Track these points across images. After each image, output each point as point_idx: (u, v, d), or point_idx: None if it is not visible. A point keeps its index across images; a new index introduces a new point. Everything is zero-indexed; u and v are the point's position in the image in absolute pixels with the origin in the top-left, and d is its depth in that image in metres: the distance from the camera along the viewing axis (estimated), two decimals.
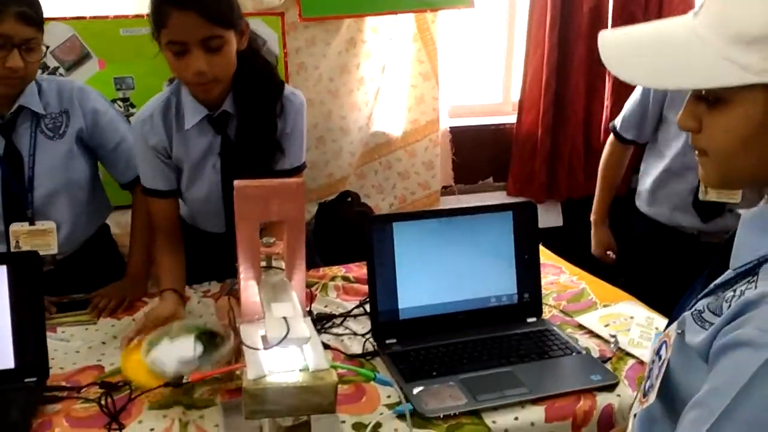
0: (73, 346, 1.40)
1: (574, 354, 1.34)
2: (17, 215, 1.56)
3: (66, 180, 1.59)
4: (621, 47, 0.78)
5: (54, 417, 1.14)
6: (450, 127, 2.74)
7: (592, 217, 2.28)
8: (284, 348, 0.96)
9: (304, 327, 0.97)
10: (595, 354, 1.36)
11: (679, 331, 0.79)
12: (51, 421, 1.13)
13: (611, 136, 2.17)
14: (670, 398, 0.80)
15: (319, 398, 0.97)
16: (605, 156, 2.21)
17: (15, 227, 1.55)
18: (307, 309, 1.53)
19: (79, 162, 1.62)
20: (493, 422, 1.15)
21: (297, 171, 1.64)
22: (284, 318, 0.98)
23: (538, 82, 2.76)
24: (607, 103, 2.85)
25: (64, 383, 1.24)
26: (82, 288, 1.62)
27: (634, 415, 0.88)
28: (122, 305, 1.57)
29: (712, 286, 0.79)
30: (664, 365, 0.81)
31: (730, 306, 0.72)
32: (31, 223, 1.57)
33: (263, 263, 1.16)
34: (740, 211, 0.81)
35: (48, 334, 1.42)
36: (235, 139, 1.54)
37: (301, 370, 0.97)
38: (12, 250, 1.55)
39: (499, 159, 2.88)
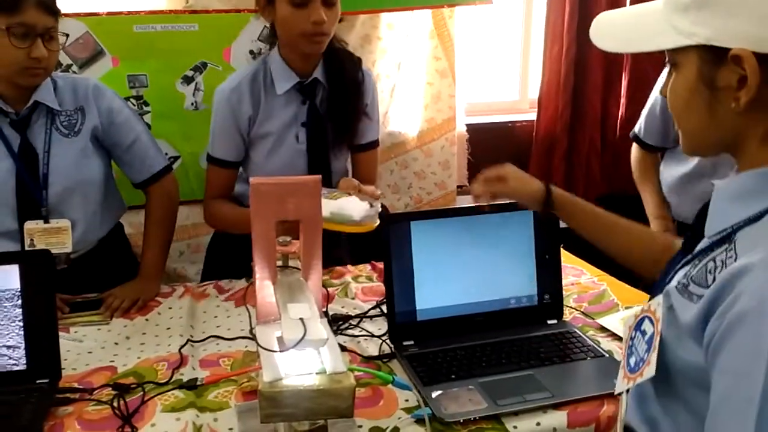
0: (86, 346, 1.38)
1: (596, 357, 1.31)
2: (31, 213, 1.54)
3: (80, 178, 1.57)
4: (606, 24, 0.90)
5: (66, 419, 1.12)
6: (467, 125, 2.70)
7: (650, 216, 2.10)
8: (301, 350, 0.93)
9: (321, 328, 0.94)
10: (618, 357, 1.32)
11: (668, 306, 0.81)
12: (63, 424, 1.11)
13: (635, 145, 2.10)
14: (665, 374, 0.81)
15: (337, 402, 0.94)
16: (635, 165, 2.11)
17: (30, 225, 1.54)
18: (323, 310, 1.50)
19: (94, 160, 1.60)
20: (514, 427, 1.12)
21: (374, 146, 1.78)
22: (301, 319, 0.95)
23: (556, 79, 2.72)
24: (623, 100, 2.81)
25: (76, 384, 1.22)
26: (95, 287, 1.60)
27: (627, 392, 0.89)
28: (136, 305, 1.55)
29: (689, 256, 0.84)
30: (657, 339, 0.81)
31: (714, 278, 0.74)
32: (46, 221, 1.55)
33: (279, 263, 1.13)
34: (714, 181, 0.84)
35: (60, 334, 1.40)
36: (323, 108, 1.65)
37: (318, 373, 0.94)
38: (26, 248, 1.54)
39: (516, 157, 2.82)
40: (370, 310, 1.52)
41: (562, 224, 1.49)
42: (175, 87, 2.21)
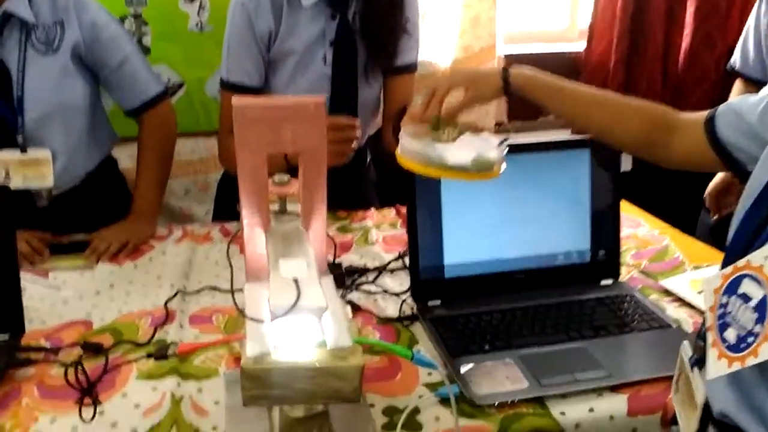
0: (63, 295, 1.20)
1: (662, 327, 1.08)
2: (6, 141, 1.35)
3: (60, 101, 1.37)
4: None
5: (24, 384, 0.94)
6: (506, 55, 2.41)
7: None
8: (296, 316, 0.73)
9: (319, 293, 0.73)
10: (689, 328, 1.09)
11: None
12: (20, 389, 0.93)
13: (737, 82, 1.84)
14: None
15: (340, 383, 0.74)
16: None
17: (5, 155, 1.35)
18: (336, 261, 1.29)
19: (76, 82, 1.39)
20: (562, 414, 0.90)
21: (411, 69, 1.57)
22: (295, 280, 0.74)
23: (611, 5, 2.41)
24: (687, 30, 2.48)
25: (43, 341, 1.05)
26: (83, 229, 1.42)
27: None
28: (126, 249, 1.36)
29: None
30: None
31: None
32: (22, 151, 1.36)
33: (276, 207, 0.92)
34: None
35: (37, 279, 1.25)
36: (356, 24, 1.44)
37: (317, 347, 0.74)
38: (1, 181, 1.35)
39: None
40: (391, 262, 1.30)
41: (625, 167, 1.26)
42: (177, 5, 1.96)
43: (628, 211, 1.55)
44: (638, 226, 1.50)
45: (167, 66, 1.98)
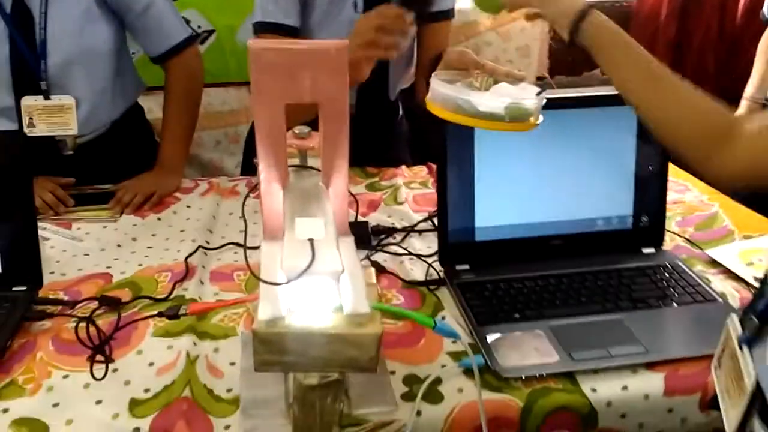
0: (84, 247, 1.18)
1: (706, 301, 1.01)
2: (29, 87, 1.32)
3: (83, 46, 1.33)
4: None
5: (40, 336, 0.93)
6: None
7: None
8: (312, 278, 0.68)
9: (335, 255, 0.68)
10: (735, 303, 1.02)
11: None
12: (35, 342, 0.92)
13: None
14: None
15: (356, 352, 0.70)
16: (763, 45, 1.89)
17: (28, 101, 1.32)
18: (363, 219, 1.24)
19: (100, 26, 1.35)
20: (593, 390, 0.85)
21: (448, 15, 1.49)
22: (310, 240, 0.70)
23: None
24: None
25: (61, 294, 1.03)
26: (109, 179, 1.39)
27: None
28: (150, 201, 1.33)
29: None
30: None
31: None
32: (46, 97, 1.33)
33: (296, 161, 0.87)
34: None
35: (59, 230, 1.23)
36: None
37: (334, 312, 0.70)
38: (25, 128, 1.33)
39: None
40: (419, 222, 1.25)
41: None
42: None
43: (674, 175, 1.45)
44: (685, 191, 1.41)
45: (197, 11, 1.93)
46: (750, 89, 1.92)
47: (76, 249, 1.17)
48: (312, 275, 0.67)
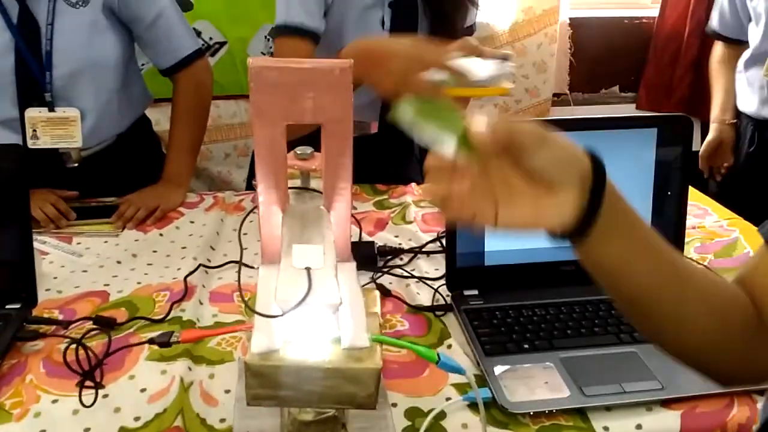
0: (83, 263, 1.16)
1: None
2: (34, 99, 1.30)
3: (90, 58, 1.31)
4: None
5: (31, 358, 0.90)
6: (570, 19, 2.24)
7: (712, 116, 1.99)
8: (308, 309, 0.64)
9: (333, 286, 0.65)
10: None
11: None
12: (26, 363, 0.89)
13: (716, 44, 1.97)
14: None
15: (354, 387, 0.66)
16: (715, 64, 1.99)
17: (32, 113, 1.30)
18: (369, 239, 1.21)
19: (108, 38, 1.33)
20: (605, 429, 0.81)
21: (469, 31, 1.43)
22: (307, 269, 0.66)
23: None
24: None
25: (56, 313, 1.00)
26: (114, 193, 1.37)
27: None
28: (153, 215, 1.31)
29: None
30: None
31: None
32: (51, 110, 1.31)
33: (297, 182, 0.83)
34: None
35: (59, 244, 1.20)
36: None
37: (331, 344, 0.66)
38: (29, 140, 1.31)
39: (630, 63, 2.36)
40: (427, 243, 1.21)
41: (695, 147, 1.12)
42: None
43: (693, 198, 1.40)
44: (705, 216, 1.36)
45: (209, 23, 1.91)
46: (716, 111, 1.96)
47: (74, 265, 1.15)
48: (307, 306, 0.63)
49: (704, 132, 2.39)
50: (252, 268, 1.11)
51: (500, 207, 0.55)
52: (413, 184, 1.49)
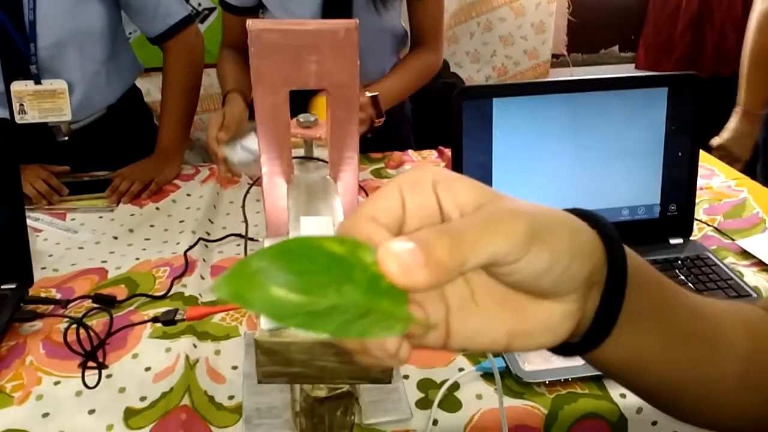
0: (79, 239, 1.12)
1: (739, 297, 0.94)
2: (19, 72, 1.25)
3: (75, 27, 1.25)
4: None
5: (30, 339, 0.88)
6: None
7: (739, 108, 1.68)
8: None
9: None
10: None
11: None
12: (25, 345, 0.86)
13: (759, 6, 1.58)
14: None
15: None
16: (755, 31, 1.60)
17: (17, 86, 1.25)
18: None
19: (92, 6, 1.27)
20: (622, 396, 0.79)
21: None
22: None
23: None
24: None
25: (53, 291, 0.97)
26: (106, 166, 1.33)
27: None
28: (148, 188, 1.27)
29: None
30: None
31: None
32: (37, 82, 1.26)
33: (300, 151, 0.80)
34: None
35: (53, 221, 1.17)
36: None
37: None
38: (16, 114, 1.26)
39: (628, 22, 2.31)
40: None
41: None
42: None
43: (700, 159, 1.38)
44: (712, 176, 1.34)
45: None
46: (743, 97, 1.66)
47: (70, 241, 1.12)
48: None
49: (709, 89, 2.35)
50: (256, 241, 1.09)
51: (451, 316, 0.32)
52: (410, 151, 1.45)
